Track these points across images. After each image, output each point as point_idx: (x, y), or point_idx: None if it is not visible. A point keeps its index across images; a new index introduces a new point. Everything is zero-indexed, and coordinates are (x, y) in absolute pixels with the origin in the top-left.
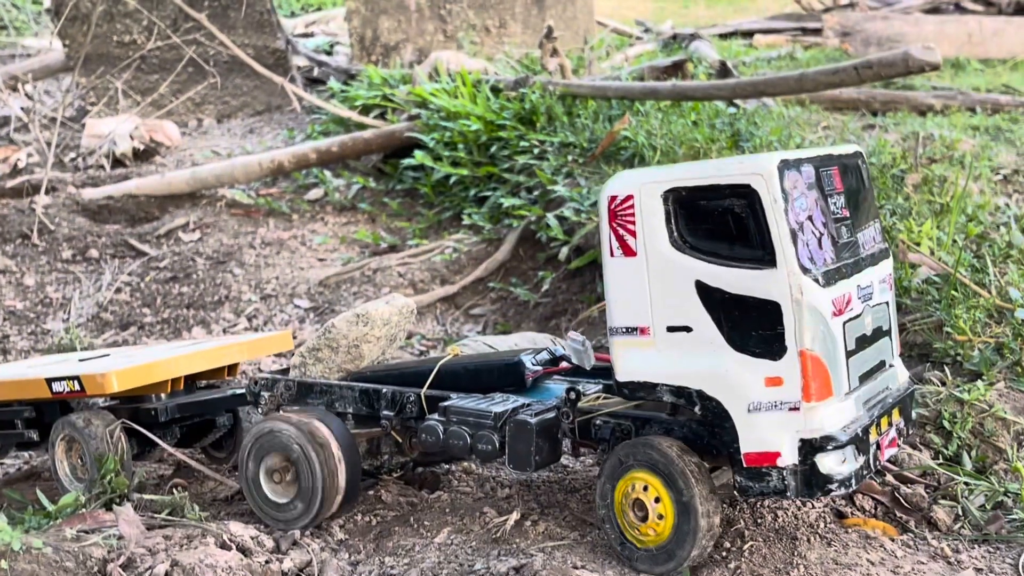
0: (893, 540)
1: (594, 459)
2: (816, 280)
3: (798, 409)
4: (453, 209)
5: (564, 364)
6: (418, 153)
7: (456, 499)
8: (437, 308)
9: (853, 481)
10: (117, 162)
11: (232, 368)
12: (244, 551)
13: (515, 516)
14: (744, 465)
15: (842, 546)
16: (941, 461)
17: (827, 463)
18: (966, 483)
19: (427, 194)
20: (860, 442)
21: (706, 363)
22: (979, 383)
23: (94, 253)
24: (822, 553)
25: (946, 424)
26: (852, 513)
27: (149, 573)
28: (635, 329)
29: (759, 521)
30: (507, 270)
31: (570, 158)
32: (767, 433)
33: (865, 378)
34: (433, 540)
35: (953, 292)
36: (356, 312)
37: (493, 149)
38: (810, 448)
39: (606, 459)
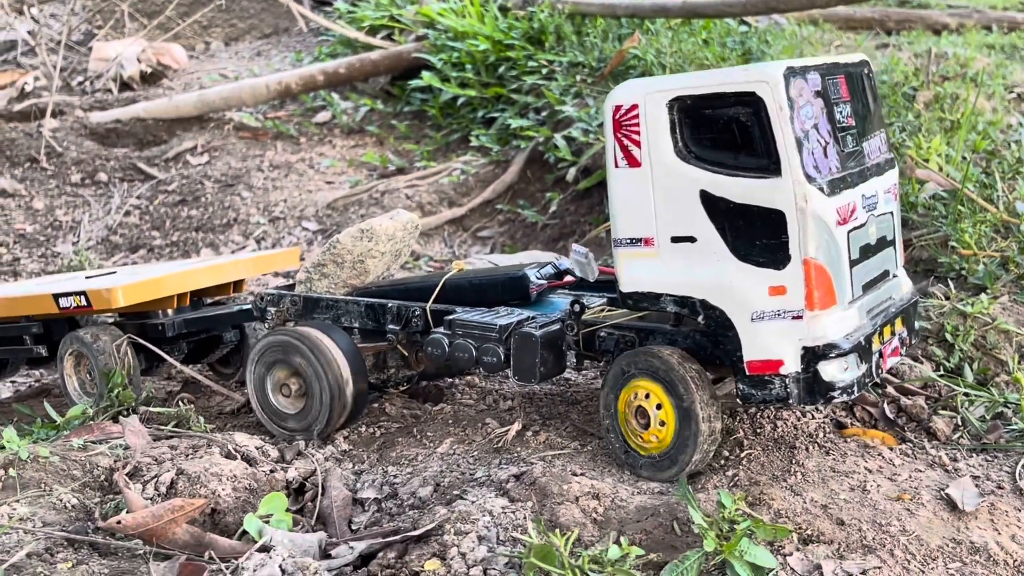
0: (892, 449)
1: (596, 372)
2: (821, 189)
3: (801, 317)
4: (461, 131)
5: (568, 278)
6: (426, 74)
7: (459, 411)
8: (445, 230)
9: (855, 388)
10: (124, 85)
11: (238, 284)
12: (249, 461)
13: (516, 427)
14: (747, 373)
15: (840, 455)
16: (942, 373)
17: (829, 370)
18: (966, 394)
19: (435, 116)
20: (863, 350)
21: (710, 273)
22: (983, 296)
23: (103, 176)
24: (820, 461)
25: (948, 337)
26: (851, 424)
27: (155, 481)
28: (639, 240)
29: (758, 431)
30: (515, 192)
31: (579, 78)
32: (770, 341)
33: (868, 287)
34: (436, 450)
35: (960, 207)
36: (360, 227)
37: (501, 70)
38: (813, 356)
39: (609, 369)
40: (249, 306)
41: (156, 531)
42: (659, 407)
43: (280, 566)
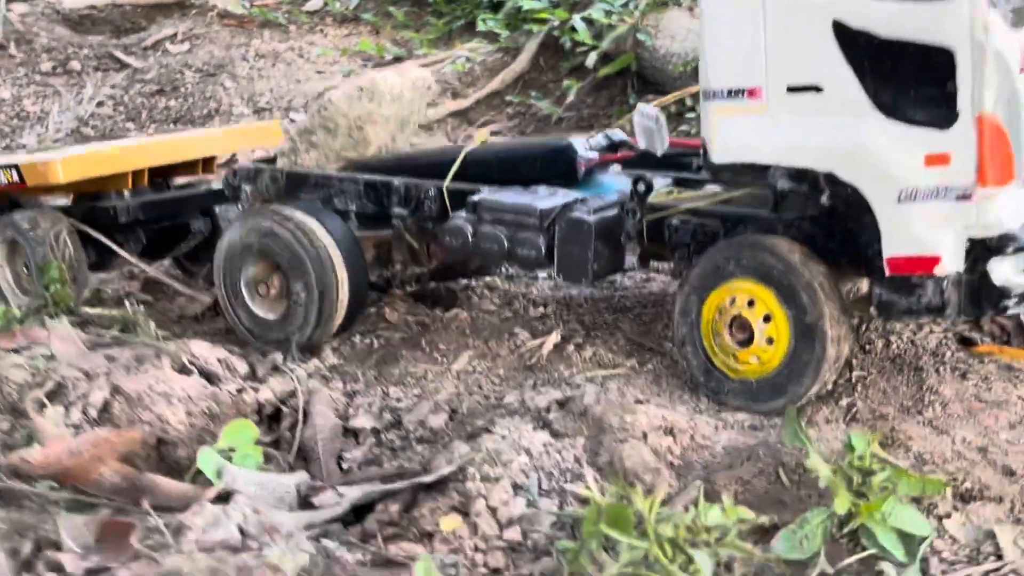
0: None
1: (647, 276)
2: (1005, 17)
3: (969, 197)
4: (465, 17)
5: (625, 152)
6: None
7: (479, 319)
8: (448, 124)
9: None
10: None
11: (208, 164)
12: (209, 377)
13: (554, 338)
14: (887, 274)
15: (981, 379)
16: None
17: (1003, 271)
18: None
19: (436, 2)
20: None
21: (841, 135)
22: None
23: (76, 65)
24: (958, 388)
25: None
26: (981, 340)
27: (83, 403)
28: (741, 91)
29: (868, 348)
30: (526, 82)
31: None
32: (923, 230)
33: None
34: (450, 367)
35: None
36: (358, 84)
37: None
38: (982, 250)
39: (693, 266)
40: (220, 187)
41: (74, 471)
42: (767, 319)
43: (239, 526)
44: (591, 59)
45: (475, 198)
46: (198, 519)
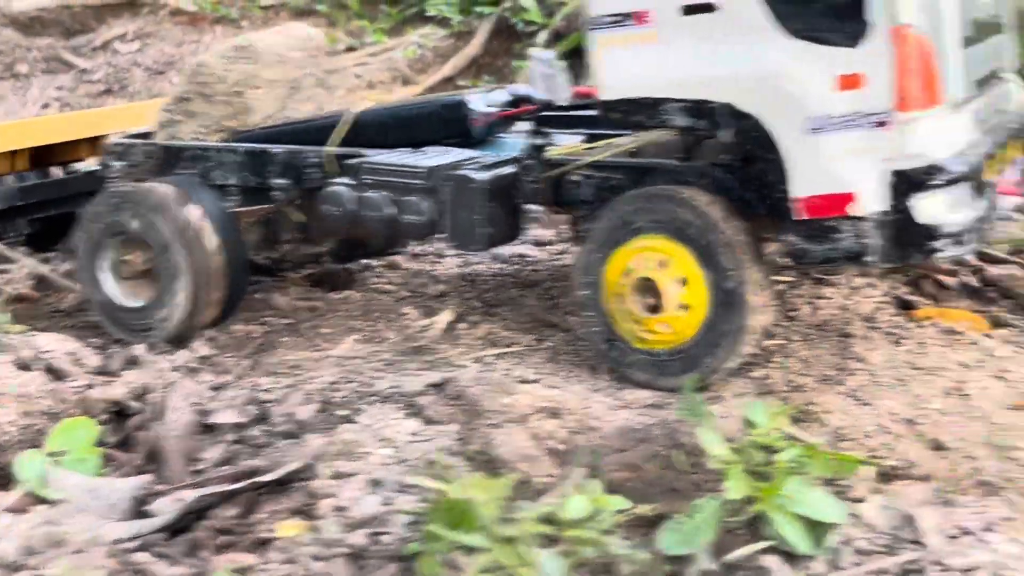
0: (990, 336)
1: (559, 248)
2: None
3: (887, 124)
4: (418, 4)
5: (526, 107)
6: None
7: (371, 300)
8: None
9: (969, 237)
10: None
11: (96, 145)
12: (56, 373)
13: (447, 316)
14: (799, 217)
15: (917, 344)
16: None
17: (931, 208)
18: None
19: None
20: (977, 177)
21: (740, 59)
22: None
23: (23, 68)
24: (890, 354)
25: None
26: (920, 303)
27: None
28: (627, 16)
29: (792, 315)
30: (479, 66)
31: None
32: (837, 164)
33: (981, 86)
34: (330, 353)
35: None
36: (235, 43)
37: None
38: (906, 184)
39: (597, 219)
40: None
41: None
42: (683, 282)
43: (25, 540)
44: (541, 38)
45: (355, 161)
46: None
